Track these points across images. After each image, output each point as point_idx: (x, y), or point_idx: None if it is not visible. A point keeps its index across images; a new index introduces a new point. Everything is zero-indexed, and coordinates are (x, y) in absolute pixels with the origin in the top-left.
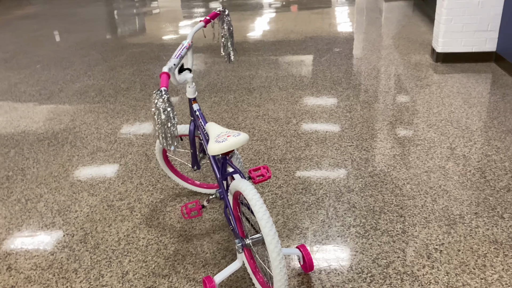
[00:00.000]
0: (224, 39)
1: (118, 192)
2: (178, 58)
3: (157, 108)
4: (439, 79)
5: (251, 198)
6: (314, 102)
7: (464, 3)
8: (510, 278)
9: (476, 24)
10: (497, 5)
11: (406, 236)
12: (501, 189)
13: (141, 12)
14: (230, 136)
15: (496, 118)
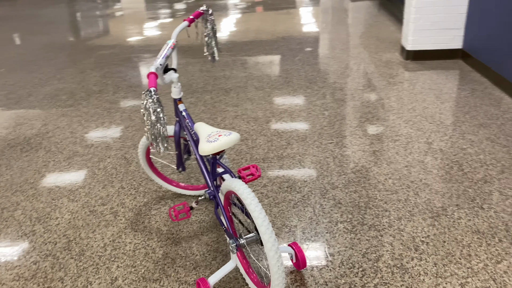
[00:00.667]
0: (208, 39)
1: (100, 197)
2: (164, 58)
3: (146, 109)
4: (410, 76)
5: (245, 197)
6: (292, 101)
7: (432, 2)
8: (495, 266)
9: (443, 22)
10: (462, 4)
11: (392, 230)
12: (478, 180)
13: (106, 13)
14: (222, 136)
15: (468, 112)
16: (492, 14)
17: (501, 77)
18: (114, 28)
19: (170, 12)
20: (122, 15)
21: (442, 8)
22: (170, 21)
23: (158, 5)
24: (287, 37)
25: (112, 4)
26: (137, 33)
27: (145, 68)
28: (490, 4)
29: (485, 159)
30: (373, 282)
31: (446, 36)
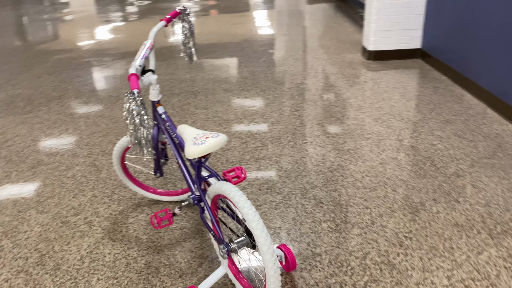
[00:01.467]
0: (185, 39)
1: (71, 207)
2: (143, 59)
3: (129, 112)
4: (374, 76)
5: (238, 200)
6: (262, 102)
7: (391, 4)
8: (476, 257)
9: (402, 23)
10: (420, 5)
11: (375, 227)
12: (451, 175)
13: (55, 17)
14: (209, 138)
15: (433, 109)
16: (448, 14)
17: (460, 75)
18: (68, 32)
19: (123, 15)
20: (74, 18)
21: (401, 9)
22: (124, 24)
23: (110, 8)
24: (250, 40)
25: (60, 7)
26: (93, 36)
27: (106, 72)
28: (446, 5)
29: (455, 154)
30: (363, 280)
31: (405, 37)
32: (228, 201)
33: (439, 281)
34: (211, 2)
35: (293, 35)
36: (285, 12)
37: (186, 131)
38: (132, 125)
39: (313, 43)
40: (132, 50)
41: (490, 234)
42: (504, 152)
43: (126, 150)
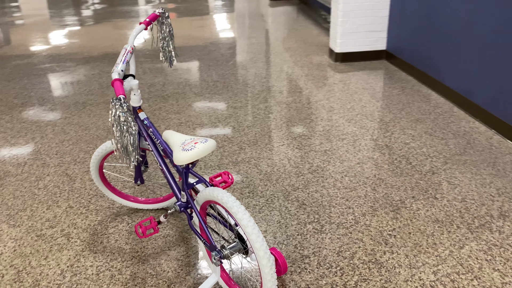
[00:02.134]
0: (164, 42)
1: (46, 219)
2: (124, 63)
3: (115, 119)
4: (343, 78)
5: (231, 205)
6: (235, 105)
7: (357, 6)
8: (459, 252)
9: (368, 25)
10: (384, 8)
11: (359, 226)
12: (427, 172)
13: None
14: (198, 143)
15: (403, 109)
16: (411, 16)
17: (426, 75)
18: (23, 37)
19: (80, 19)
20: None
21: (366, 11)
22: (82, 28)
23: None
24: (216, 43)
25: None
26: (51, 41)
27: (70, 78)
28: (409, 7)
29: (428, 152)
30: (353, 279)
31: (371, 38)
32: (219, 207)
33: (426, 277)
34: (170, 6)
35: (259, 38)
36: (247, 14)
37: (173, 137)
38: (118, 132)
39: (279, 46)
40: (95, 55)
41: (469, 228)
42: (474, 148)
43: (105, 158)
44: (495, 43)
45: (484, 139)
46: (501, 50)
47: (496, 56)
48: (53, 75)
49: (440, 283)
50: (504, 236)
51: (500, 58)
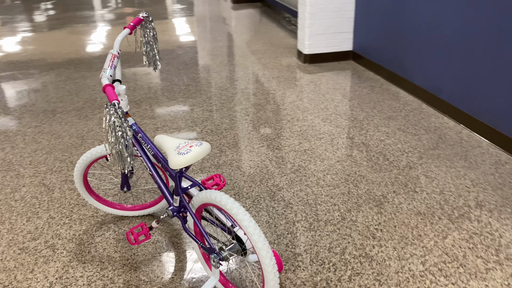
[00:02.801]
0: (148, 46)
1: (27, 231)
2: (113, 68)
3: (110, 125)
4: (313, 78)
5: (231, 207)
6: (210, 108)
7: (323, 8)
8: (443, 241)
9: (335, 26)
10: (350, 9)
11: (346, 222)
12: (404, 167)
13: None
14: (193, 146)
15: (375, 107)
16: (377, 17)
17: (393, 74)
18: None
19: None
20: None
21: (332, 13)
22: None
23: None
24: (183, 46)
25: None
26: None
27: (36, 85)
28: (374, 9)
29: (403, 148)
30: (346, 274)
31: (338, 39)
32: (215, 209)
33: (415, 268)
34: (127, 10)
35: (226, 41)
36: (210, 18)
37: (166, 141)
38: (113, 138)
39: (248, 48)
40: (59, 61)
41: (450, 219)
42: (445, 143)
43: (89, 166)
44: (460, 42)
45: (454, 133)
46: (466, 48)
47: (462, 54)
48: (16, 83)
49: (429, 272)
50: (483, 225)
51: (466, 56)
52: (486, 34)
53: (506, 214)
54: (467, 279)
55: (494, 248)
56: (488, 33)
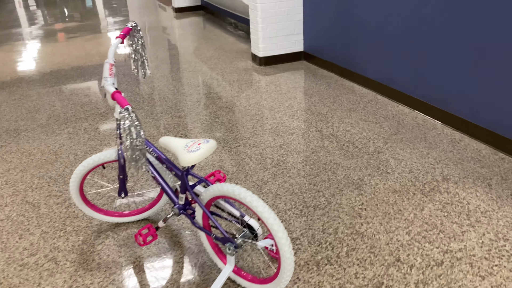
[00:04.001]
0: (137, 54)
1: (23, 248)
2: (113, 76)
3: (125, 129)
4: (272, 79)
5: (245, 196)
6: (178, 114)
7: (274, 12)
8: (421, 213)
9: (285, 29)
10: (299, 12)
11: (333, 205)
12: (373, 153)
13: None
14: (201, 144)
15: (335, 101)
16: (325, 18)
17: (346, 70)
18: None
19: None
20: None
21: (282, 16)
22: None
23: None
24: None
25: None
26: None
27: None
28: (321, 11)
29: (368, 135)
30: (343, 250)
31: (290, 41)
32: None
33: (402, 238)
34: (58, 26)
35: (178, 49)
36: (155, 28)
37: (172, 142)
38: (128, 140)
39: (201, 55)
40: (7, 80)
41: (423, 193)
42: (405, 128)
43: (86, 176)
44: (408, 36)
45: (411, 119)
46: (413, 41)
47: (410, 46)
48: None
49: (415, 240)
50: (452, 195)
51: (413, 48)
52: (429, 27)
53: (469, 184)
54: (448, 242)
55: (465, 214)
56: (431, 27)
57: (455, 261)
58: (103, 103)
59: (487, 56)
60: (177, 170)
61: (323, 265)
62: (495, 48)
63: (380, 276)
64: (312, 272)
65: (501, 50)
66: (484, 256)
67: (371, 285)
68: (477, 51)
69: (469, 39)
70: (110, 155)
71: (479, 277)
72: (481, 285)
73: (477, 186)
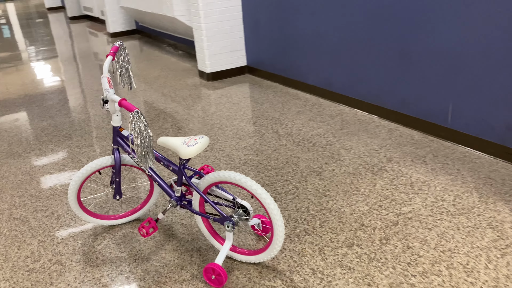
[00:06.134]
0: (123, 70)
1: (25, 256)
2: (113, 88)
3: (136, 130)
4: (223, 92)
5: (239, 178)
6: None
7: (217, 31)
8: (374, 188)
9: (229, 46)
10: (240, 30)
11: (301, 190)
12: (325, 145)
13: None
14: (198, 139)
15: (284, 107)
16: (264, 34)
17: (289, 79)
18: None
19: None
20: None
21: (226, 34)
22: None
23: None
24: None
25: None
26: None
27: None
28: (261, 27)
29: (319, 132)
30: (317, 223)
31: (233, 57)
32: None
33: (363, 208)
34: None
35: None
36: (89, 55)
37: (171, 140)
38: (139, 139)
39: (148, 75)
40: None
41: (373, 172)
42: (348, 123)
43: (83, 182)
44: (343, 43)
45: (352, 115)
46: (347, 48)
47: (344, 53)
48: None
49: (373, 209)
50: (396, 172)
51: (348, 54)
52: (361, 34)
53: (409, 162)
54: (399, 207)
55: (409, 185)
56: (363, 34)
57: (407, 220)
58: (61, 126)
59: (411, 57)
60: (174, 165)
61: (303, 235)
62: (416, 50)
63: (350, 239)
64: (295, 242)
65: (421, 51)
66: (428, 214)
67: (345, 245)
68: (403, 53)
69: (396, 43)
70: (107, 161)
71: (427, 229)
72: (430, 235)
73: (415, 163)
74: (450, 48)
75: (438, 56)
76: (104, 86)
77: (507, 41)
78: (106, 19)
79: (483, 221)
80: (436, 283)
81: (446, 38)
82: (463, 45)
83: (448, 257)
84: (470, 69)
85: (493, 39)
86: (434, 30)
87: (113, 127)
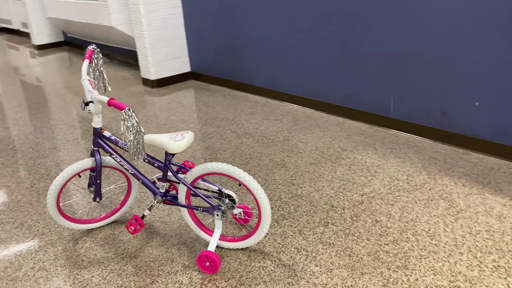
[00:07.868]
0: (97, 72)
1: (4, 267)
2: (96, 89)
3: (128, 127)
4: (171, 98)
5: (228, 168)
6: None
7: (160, 39)
8: (335, 174)
9: (172, 53)
10: (182, 37)
11: (270, 181)
12: (284, 141)
13: None
14: (184, 135)
15: (236, 108)
16: (207, 40)
17: (236, 82)
18: None
19: None
20: None
21: (168, 41)
22: None
23: None
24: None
25: None
26: None
27: None
28: (202, 33)
29: (275, 129)
30: (291, 208)
31: (177, 63)
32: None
33: (330, 192)
34: None
35: (60, 84)
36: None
37: (157, 137)
38: (131, 136)
39: None
40: None
41: (331, 161)
42: (300, 120)
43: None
44: (289, 46)
45: (302, 113)
46: (293, 51)
47: (290, 55)
48: None
49: (339, 192)
50: (352, 159)
51: (294, 56)
52: (306, 37)
53: (361, 150)
54: (362, 188)
55: (366, 169)
56: (307, 36)
57: (370, 199)
58: (14, 137)
59: (353, 56)
60: (159, 162)
61: (281, 220)
62: (358, 49)
63: (324, 219)
64: (275, 227)
65: (362, 50)
66: (388, 192)
67: (321, 225)
68: (345, 52)
69: (339, 44)
70: (87, 163)
71: (390, 205)
72: (393, 209)
73: (367, 150)
74: (389, 45)
75: (378, 53)
76: (87, 89)
77: (442, 37)
78: (31, 31)
79: (435, 193)
80: (407, 248)
81: (385, 37)
82: (401, 43)
83: (412, 226)
84: (407, 64)
85: (427, 36)
86: (373, 30)
87: (94, 128)
